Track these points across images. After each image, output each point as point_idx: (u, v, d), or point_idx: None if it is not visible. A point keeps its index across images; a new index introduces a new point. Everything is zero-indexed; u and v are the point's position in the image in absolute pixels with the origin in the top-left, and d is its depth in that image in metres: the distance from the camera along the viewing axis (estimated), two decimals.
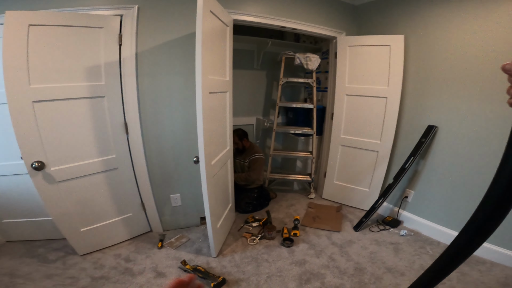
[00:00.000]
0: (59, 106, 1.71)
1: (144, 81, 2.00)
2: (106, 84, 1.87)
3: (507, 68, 0.40)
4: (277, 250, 2.20)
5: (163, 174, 2.30)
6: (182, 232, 2.45)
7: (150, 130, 2.13)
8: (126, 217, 2.25)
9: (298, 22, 2.41)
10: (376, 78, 2.53)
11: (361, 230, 2.50)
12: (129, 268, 1.95)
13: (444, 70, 2.14)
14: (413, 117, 2.43)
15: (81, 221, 1.99)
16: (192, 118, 2.15)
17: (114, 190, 2.11)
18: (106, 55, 1.82)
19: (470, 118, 2.02)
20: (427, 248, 2.21)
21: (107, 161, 2.01)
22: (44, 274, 1.83)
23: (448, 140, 2.19)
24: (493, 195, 0.47)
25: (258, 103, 3.61)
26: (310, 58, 2.79)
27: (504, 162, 0.43)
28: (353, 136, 2.82)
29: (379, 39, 2.44)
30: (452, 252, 0.60)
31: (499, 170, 0.44)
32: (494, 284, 1.79)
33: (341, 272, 1.95)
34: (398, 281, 1.84)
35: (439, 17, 2.10)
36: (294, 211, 2.91)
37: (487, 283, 1.80)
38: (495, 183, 0.46)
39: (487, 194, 0.48)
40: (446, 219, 2.29)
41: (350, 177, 2.97)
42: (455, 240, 0.57)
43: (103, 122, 1.92)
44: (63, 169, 1.80)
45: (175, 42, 2.02)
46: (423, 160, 2.38)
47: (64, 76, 1.70)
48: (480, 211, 0.50)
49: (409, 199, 2.55)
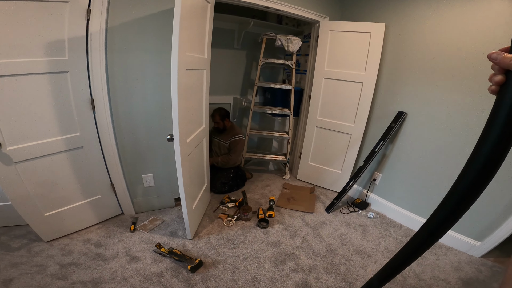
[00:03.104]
0: (15, 82, 1.52)
1: (114, 57, 1.83)
2: (70, 59, 1.69)
3: (493, 56, 0.43)
4: (253, 232, 2.25)
5: (134, 153, 2.18)
6: (155, 214, 2.39)
7: (121, 107, 1.98)
8: (95, 200, 2.12)
9: (283, 3, 2.31)
10: (354, 63, 2.55)
11: (333, 211, 2.63)
12: (100, 254, 1.87)
13: (417, 60, 2.21)
14: (385, 102, 2.52)
15: (44, 205, 1.84)
16: (167, 95, 2.03)
17: (80, 170, 1.97)
18: (71, 30, 1.63)
19: (437, 107, 2.13)
20: (391, 230, 2.38)
21: (70, 139, 1.85)
22: (8, 263, 1.70)
23: (415, 126, 2.31)
24: (465, 181, 0.49)
25: (236, 83, 3.52)
26: (292, 41, 2.74)
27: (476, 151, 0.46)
28: (328, 118, 2.89)
29: (361, 26, 2.44)
30: (422, 236, 0.62)
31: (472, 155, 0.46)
32: (449, 268, 1.97)
33: (314, 254, 2.04)
34: (365, 263, 1.98)
35: (418, 9, 2.14)
36: (269, 191, 2.96)
37: (442, 266, 1.98)
38: (466, 169, 0.48)
39: (459, 180, 0.49)
40: (409, 203, 2.46)
41: (324, 159, 3.07)
42: (425, 225, 0.59)
43: (66, 98, 1.74)
44: (21, 148, 1.63)
45: (151, 18, 1.85)
46: (392, 144, 2.51)
47: (22, 52, 1.51)
48: (453, 195, 0.52)
49: (377, 182, 2.70)
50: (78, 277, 1.66)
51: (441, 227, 0.55)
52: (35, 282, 1.59)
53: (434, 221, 0.56)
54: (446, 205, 0.53)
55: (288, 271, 1.85)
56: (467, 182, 0.48)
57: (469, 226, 2.09)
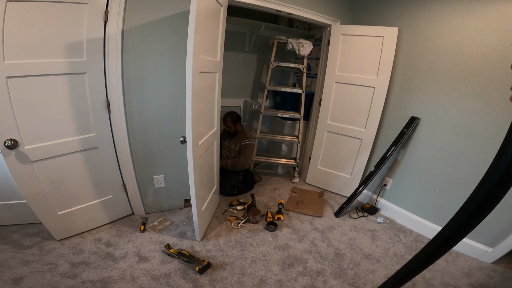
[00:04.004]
0: (35, 82, 1.56)
1: (129, 58, 1.87)
2: (88, 61, 1.73)
3: None
4: (261, 234, 2.24)
5: (146, 154, 2.21)
6: (165, 215, 2.41)
7: (134, 108, 2.01)
8: (107, 199, 2.15)
9: (295, 7, 2.32)
10: (366, 68, 2.54)
11: (342, 216, 2.61)
12: (110, 253, 1.89)
13: (432, 64, 2.17)
14: (398, 107, 2.49)
15: (58, 204, 1.87)
16: (180, 97, 2.07)
17: (94, 170, 2.00)
18: (89, 31, 1.67)
19: (453, 113, 2.09)
20: (401, 236, 2.35)
21: (86, 139, 1.88)
22: (20, 261, 1.73)
23: (428, 132, 2.27)
24: (483, 191, 0.48)
25: (247, 86, 3.54)
26: (303, 44, 2.74)
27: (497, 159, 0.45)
28: (339, 123, 2.87)
29: (374, 30, 2.42)
30: (438, 243, 0.62)
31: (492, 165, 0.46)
32: (459, 274, 1.93)
33: (322, 257, 2.03)
34: (374, 267, 1.95)
35: (434, 12, 2.11)
36: (278, 195, 2.95)
37: (452, 272, 1.94)
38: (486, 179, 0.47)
39: (477, 189, 0.49)
40: (420, 209, 2.42)
41: (333, 163, 3.04)
42: (442, 232, 0.59)
43: (83, 99, 1.78)
44: (39, 147, 1.66)
45: (166, 20, 1.88)
46: (403, 150, 2.47)
47: (43, 52, 1.55)
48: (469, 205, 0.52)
49: (387, 187, 2.67)
50: (88, 276, 1.67)
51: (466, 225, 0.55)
52: (45, 280, 1.60)
53: (458, 220, 0.56)
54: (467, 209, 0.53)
55: (296, 275, 1.84)
56: (487, 189, 0.47)
57: (481, 232, 2.03)
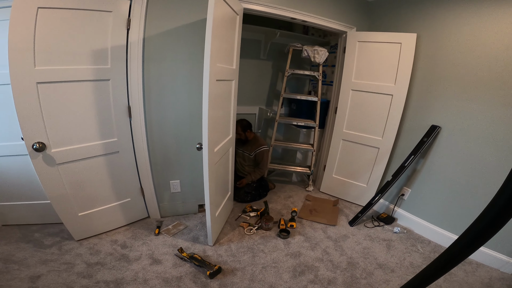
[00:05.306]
0: (63, 88, 1.67)
1: (150, 66, 1.95)
2: (112, 68, 1.83)
3: None
4: (273, 241, 2.23)
5: (164, 160, 2.28)
6: (179, 219, 2.46)
7: (154, 114, 2.09)
8: (125, 202, 2.23)
9: (309, 14, 2.34)
10: (383, 75, 2.50)
11: (356, 225, 2.54)
12: (125, 255, 1.95)
13: (453, 71, 2.11)
14: (417, 116, 2.43)
15: (79, 205, 1.96)
16: (196, 104, 2.13)
17: (114, 174, 2.09)
18: (113, 39, 1.78)
19: (476, 121, 2.01)
20: (418, 246, 2.26)
21: (108, 144, 1.97)
22: (39, 260, 1.81)
23: (450, 141, 2.19)
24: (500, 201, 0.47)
25: (262, 93, 3.57)
26: (318, 51, 2.74)
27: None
28: (355, 131, 2.82)
29: (391, 36, 2.39)
30: (453, 252, 0.60)
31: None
32: (479, 285, 1.83)
33: (334, 266, 1.98)
34: (388, 277, 1.89)
35: (454, 18, 2.06)
36: (291, 202, 2.93)
37: (471, 283, 1.85)
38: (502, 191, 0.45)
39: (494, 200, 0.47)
40: (440, 219, 2.32)
41: (349, 172, 2.99)
42: (457, 242, 0.58)
43: (106, 106, 1.88)
44: (64, 151, 1.76)
45: (184, 28, 1.96)
46: (423, 159, 2.40)
47: (71, 59, 1.66)
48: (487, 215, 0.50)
49: (405, 197, 2.58)
50: (102, 277, 1.73)
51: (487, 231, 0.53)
52: (61, 279, 1.67)
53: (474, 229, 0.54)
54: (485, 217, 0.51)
55: (306, 283, 1.81)
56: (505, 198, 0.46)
57: (502, 243, 1.95)
